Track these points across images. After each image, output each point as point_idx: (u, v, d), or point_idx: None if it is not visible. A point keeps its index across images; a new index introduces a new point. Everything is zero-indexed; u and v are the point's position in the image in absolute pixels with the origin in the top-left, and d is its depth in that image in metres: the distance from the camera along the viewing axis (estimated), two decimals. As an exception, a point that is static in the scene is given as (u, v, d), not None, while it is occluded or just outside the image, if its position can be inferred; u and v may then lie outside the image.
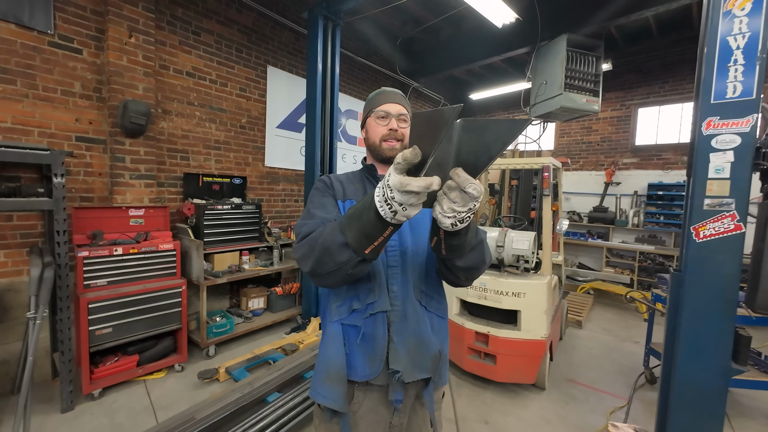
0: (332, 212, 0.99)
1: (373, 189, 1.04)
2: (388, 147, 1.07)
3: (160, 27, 3.27)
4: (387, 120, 1.08)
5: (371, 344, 0.95)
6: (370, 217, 0.71)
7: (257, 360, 3.04)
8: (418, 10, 4.73)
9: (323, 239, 0.81)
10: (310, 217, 0.97)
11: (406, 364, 0.94)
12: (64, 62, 2.77)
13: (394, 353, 0.94)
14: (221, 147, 3.88)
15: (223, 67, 3.81)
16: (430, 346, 0.99)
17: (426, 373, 0.98)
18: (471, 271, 0.93)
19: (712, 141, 1.62)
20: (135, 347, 2.79)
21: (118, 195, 3.02)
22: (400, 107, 1.09)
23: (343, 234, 0.77)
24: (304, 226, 0.91)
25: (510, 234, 2.78)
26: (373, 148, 1.10)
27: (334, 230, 0.79)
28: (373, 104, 1.11)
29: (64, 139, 2.82)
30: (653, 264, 5.44)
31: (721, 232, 1.61)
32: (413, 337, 0.97)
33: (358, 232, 0.74)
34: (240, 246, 3.63)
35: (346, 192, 1.08)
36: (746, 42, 1.54)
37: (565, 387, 2.93)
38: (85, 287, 2.56)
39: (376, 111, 1.09)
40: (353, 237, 0.75)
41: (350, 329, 0.98)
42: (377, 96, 1.13)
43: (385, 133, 1.07)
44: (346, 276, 0.82)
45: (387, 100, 1.10)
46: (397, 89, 1.16)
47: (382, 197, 0.67)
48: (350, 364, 0.97)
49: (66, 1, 2.75)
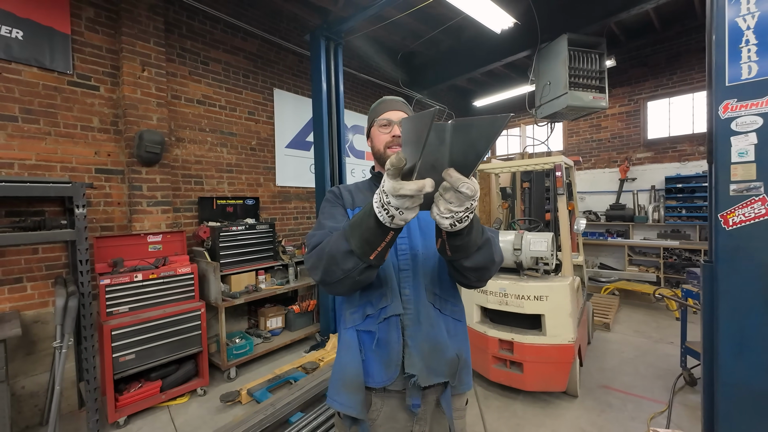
0: (341, 221, 1.00)
1: None
2: (392, 154, 1.07)
3: (170, 59, 3.41)
4: (389, 127, 1.09)
5: (386, 349, 0.95)
6: (370, 223, 0.73)
7: (278, 380, 3.00)
8: (416, 25, 4.83)
9: (329, 248, 0.83)
10: (319, 227, 0.99)
11: (421, 368, 0.93)
12: (82, 99, 2.91)
13: (409, 357, 0.94)
14: (233, 170, 3.97)
15: (231, 93, 3.93)
16: (445, 349, 0.97)
17: (442, 377, 0.96)
18: (480, 271, 0.90)
19: (731, 124, 1.57)
20: (157, 373, 2.80)
21: (136, 222, 3.10)
22: (401, 114, 1.11)
23: (348, 242, 0.79)
24: (313, 237, 0.94)
25: (527, 236, 2.72)
26: (378, 155, 1.11)
27: (339, 239, 0.81)
28: (375, 113, 1.14)
29: (85, 172, 2.93)
30: (679, 260, 5.23)
31: (752, 217, 1.53)
32: (427, 340, 0.96)
33: (361, 238, 0.76)
34: (255, 266, 3.65)
35: (355, 200, 1.09)
36: (756, 21, 1.50)
37: (600, 394, 2.79)
38: (108, 315, 2.60)
39: (378, 120, 1.10)
40: (357, 244, 0.77)
41: (365, 335, 0.98)
42: (379, 105, 1.15)
43: (388, 140, 1.08)
44: (355, 283, 0.84)
45: (388, 108, 1.11)
46: (398, 96, 1.18)
47: (380, 203, 0.69)
48: (367, 370, 0.96)
49: (83, 43, 2.91)
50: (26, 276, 2.65)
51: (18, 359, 2.53)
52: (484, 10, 3.53)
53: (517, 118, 7.52)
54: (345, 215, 1.05)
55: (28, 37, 2.65)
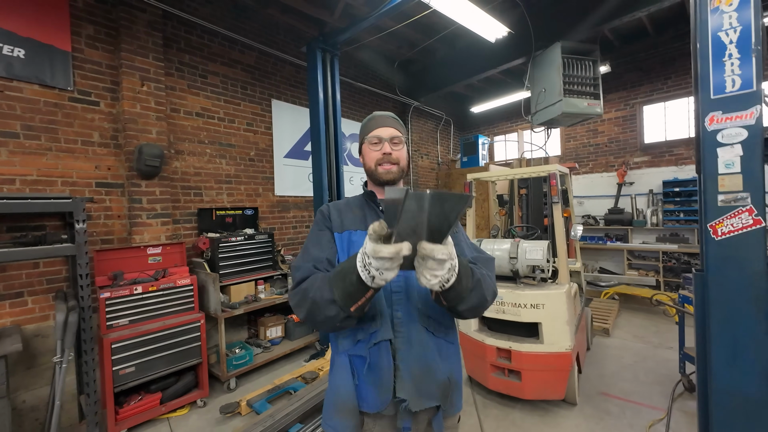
0: (326, 249, 1.03)
1: (374, 214, 1.06)
2: (384, 171, 1.09)
3: (169, 74, 3.47)
4: (380, 145, 1.10)
5: (378, 374, 0.95)
6: (353, 279, 0.78)
7: (278, 390, 3.01)
8: (412, 34, 4.89)
9: (313, 293, 0.87)
10: (305, 256, 1.03)
11: (411, 392, 0.93)
12: (83, 115, 2.96)
13: (400, 381, 0.94)
14: (232, 180, 4.01)
15: (230, 105, 3.99)
16: (437, 372, 0.97)
17: (434, 401, 0.96)
18: (475, 310, 0.94)
19: (717, 136, 1.60)
20: (157, 385, 2.81)
21: (136, 235, 3.14)
22: (392, 130, 1.11)
23: (331, 290, 0.83)
24: (298, 271, 0.97)
25: (522, 244, 2.74)
26: (370, 172, 1.12)
27: (323, 285, 0.86)
28: (365, 130, 1.14)
29: (85, 186, 2.97)
30: (678, 263, 5.23)
31: (739, 228, 1.56)
32: (418, 363, 0.96)
33: (344, 291, 0.81)
34: (255, 276, 3.67)
35: (344, 222, 1.08)
36: (738, 36, 1.54)
37: (598, 401, 2.78)
38: (108, 328, 2.62)
39: (368, 138, 1.11)
40: (339, 295, 0.82)
41: (357, 360, 0.98)
42: (369, 122, 1.15)
43: (378, 158, 1.09)
44: (336, 327, 0.89)
45: (378, 125, 1.12)
46: (388, 112, 1.18)
47: (362, 263, 0.75)
48: (361, 395, 0.96)
49: (83, 59, 2.97)
50: (27, 290, 2.68)
51: (19, 373, 2.55)
52: (478, 20, 3.58)
53: (514, 124, 7.56)
54: (331, 241, 1.06)
55: (29, 55, 2.71)
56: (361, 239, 1.02)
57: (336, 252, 1.04)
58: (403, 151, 1.12)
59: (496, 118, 7.81)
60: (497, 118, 7.78)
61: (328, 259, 1.02)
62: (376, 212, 1.11)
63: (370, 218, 1.08)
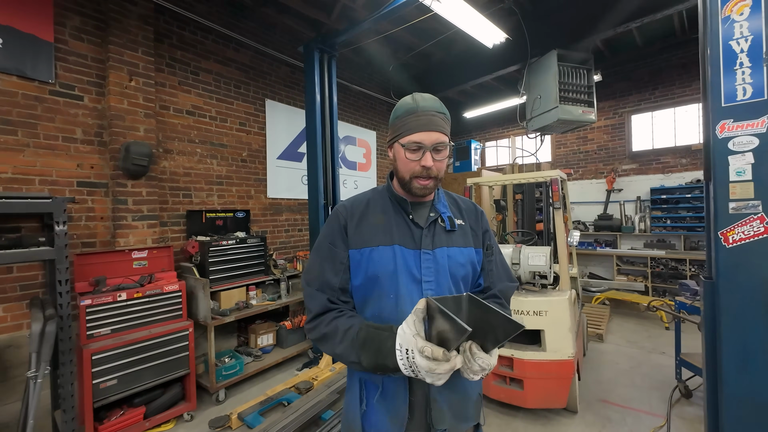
0: (340, 272, 0.95)
1: (403, 224, 0.98)
2: (420, 186, 0.93)
3: (159, 69, 3.32)
4: (419, 153, 0.90)
5: (392, 403, 0.90)
6: (387, 363, 0.77)
7: (271, 402, 2.87)
8: (409, 38, 4.87)
9: (336, 348, 0.86)
10: (318, 276, 0.95)
11: (451, 421, 0.89)
12: (65, 110, 2.79)
13: (437, 413, 0.88)
14: (223, 182, 3.86)
15: (222, 104, 3.85)
16: (471, 393, 0.94)
17: (472, 421, 0.93)
18: None
19: (728, 144, 1.60)
20: (141, 398, 2.64)
21: (120, 238, 2.96)
22: (438, 135, 0.90)
23: (357, 356, 0.81)
24: (312, 300, 0.93)
25: (525, 250, 2.71)
26: (403, 182, 0.96)
27: (348, 348, 0.83)
28: (404, 128, 0.91)
29: (66, 185, 2.79)
30: (666, 269, 5.34)
31: (751, 235, 1.55)
32: (455, 391, 0.91)
33: (374, 365, 0.79)
34: (246, 281, 3.53)
35: (363, 234, 0.96)
36: (750, 45, 1.54)
37: (599, 408, 2.77)
38: (89, 337, 2.45)
39: (407, 143, 0.90)
40: (367, 363, 0.80)
41: (369, 385, 0.93)
42: (407, 117, 0.91)
43: (416, 171, 0.91)
44: None
45: (422, 127, 0.89)
46: (433, 100, 0.94)
47: (407, 364, 0.72)
48: (370, 421, 0.91)
49: (67, 51, 2.80)
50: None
51: (-13, 388, 2.34)
52: (477, 25, 3.58)
53: (506, 130, 7.64)
54: (345, 263, 0.95)
55: (7, 44, 2.53)
56: (383, 257, 0.92)
57: (349, 279, 0.96)
58: (445, 160, 0.96)
59: (488, 124, 7.87)
60: (490, 123, 7.85)
61: (341, 288, 0.94)
62: (406, 222, 0.97)
63: (398, 230, 0.96)
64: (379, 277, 0.91)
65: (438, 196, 1.05)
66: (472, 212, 1.09)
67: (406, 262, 0.92)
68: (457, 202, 1.10)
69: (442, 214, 1.00)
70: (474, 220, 1.07)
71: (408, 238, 0.95)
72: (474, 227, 1.06)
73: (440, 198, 1.05)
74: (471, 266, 0.99)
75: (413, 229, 0.96)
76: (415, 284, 0.91)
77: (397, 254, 0.92)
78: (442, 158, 0.94)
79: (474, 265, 1.01)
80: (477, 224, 1.07)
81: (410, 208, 0.98)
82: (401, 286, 0.90)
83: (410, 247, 0.94)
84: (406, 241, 0.94)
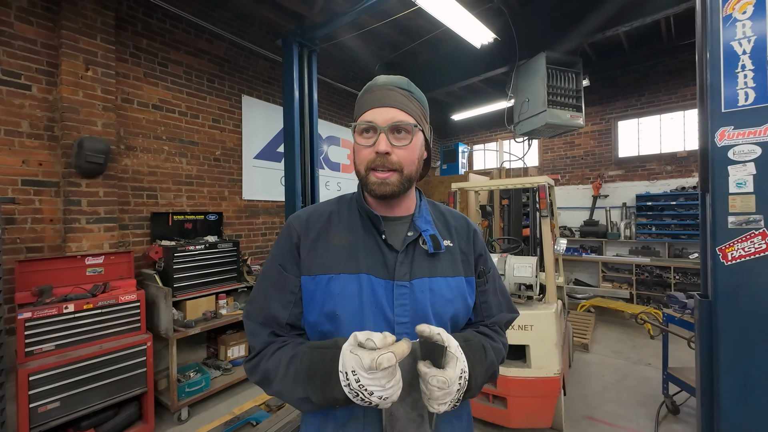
0: (288, 305, 0.76)
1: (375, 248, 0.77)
2: (377, 181, 0.72)
3: (122, 59, 3.06)
4: (372, 137, 0.72)
5: None
6: (336, 393, 0.63)
7: (238, 422, 2.64)
8: (395, 35, 4.71)
9: (280, 387, 0.70)
10: (262, 309, 0.77)
11: None
12: (9, 100, 2.51)
13: None
14: (193, 182, 3.61)
15: (193, 98, 3.60)
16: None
17: None
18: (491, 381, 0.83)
19: (728, 153, 1.47)
20: (90, 421, 2.38)
21: (72, 243, 2.69)
22: (395, 112, 0.72)
23: (304, 390, 0.66)
24: (253, 336, 0.75)
25: (510, 260, 2.57)
26: (360, 177, 0.77)
27: (292, 383, 0.67)
28: (357, 110, 0.77)
29: (9, 184, 2.50)
30: (650, 276, 5.32)
31: (752, 252, 1.43)
32: None
33: (322, 398, 0.64)
34: (216, 289, 3.29)
35: (319, 255, 0.77)
36: (753, 46, 1.42)
37: (585, 426, 2.64)
38: (27, 355, 2.18)
39: (358, 123, 0.74)
40: (317, 397, 0.65)
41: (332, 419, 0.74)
42: (363, 96, 0.77)
43: (370, 159, 0.72)
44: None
45: (374, 103, 0.73)
46: (396, 77, 0.78)
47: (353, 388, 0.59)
48: None
49: (12, 35, 2.52)
50: None
51: None
52: (465, 24, 3.44)
53: (494, 133, 7.56)
54: (297, 292, 0.76)
55: (-61, 24, 2.25)
56: (346, 290, 0.72)
57: (301, 312, 0.76)
58: (412, 148, 0.74)
59: (476, 127, 7.78)
60: (477, 126, 7.76)
61: (289, 324, 0.75)
62: (377, 244, 0.77)
63: (367, 254, 0.76)
64: (338, 316, 0.71)
65: (419, 209, 0.83)
66: (464, 230, 0.87)
67: (376, 296, 0.72)
68: (444, 217, 0.88)
69: (423, 233, 0.77)
70: (465, 240, 0.86)
71: (379, 264, 0.75)
72: (465, 250, 0.84)
73: (422, 212, 0.83)
74: (462, 302, 0.79)
75: (386, 253, 0.75)
76: (386, 326, 0.71)
77: (364, 286, 0.72)
78: (404, 144, 0.73)
79: (466, 299, 0.80)
80: (469, 246, 0.86)
81: (383, 225, 0.77)
82: (369, 328, 0.66)
83: (382, 276, 0.74)
84: (377, 269, 0.74)
